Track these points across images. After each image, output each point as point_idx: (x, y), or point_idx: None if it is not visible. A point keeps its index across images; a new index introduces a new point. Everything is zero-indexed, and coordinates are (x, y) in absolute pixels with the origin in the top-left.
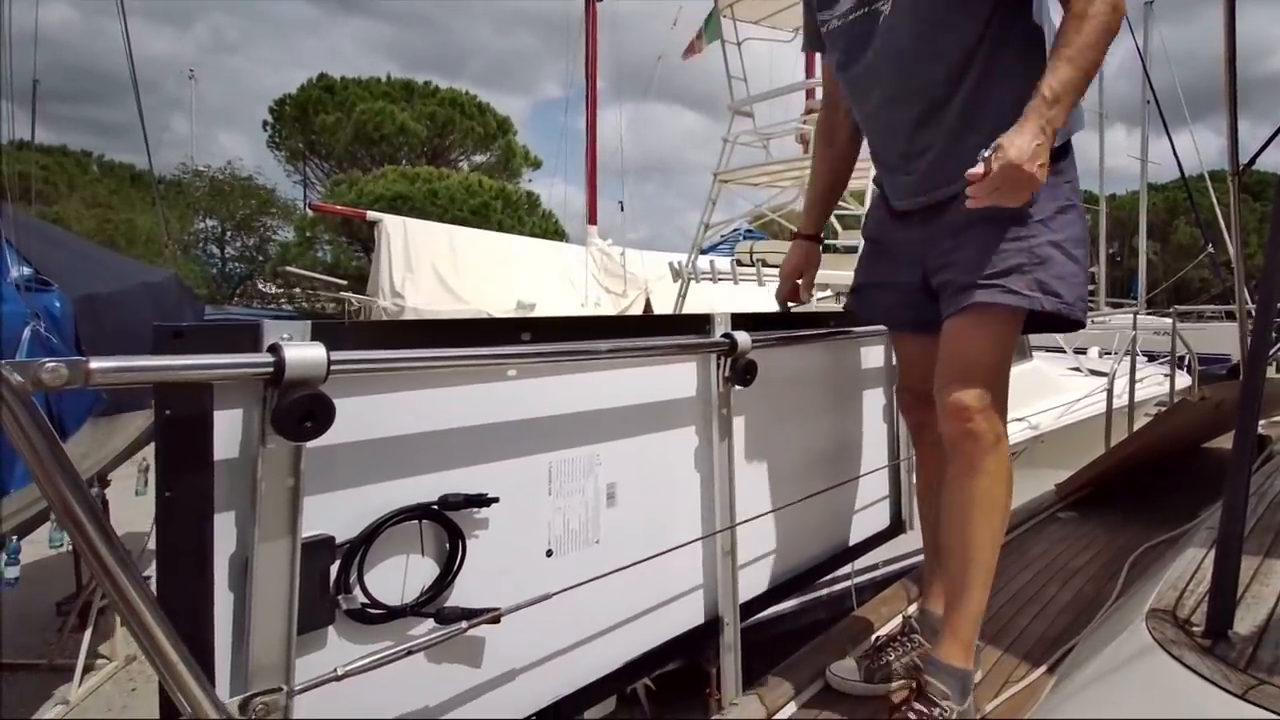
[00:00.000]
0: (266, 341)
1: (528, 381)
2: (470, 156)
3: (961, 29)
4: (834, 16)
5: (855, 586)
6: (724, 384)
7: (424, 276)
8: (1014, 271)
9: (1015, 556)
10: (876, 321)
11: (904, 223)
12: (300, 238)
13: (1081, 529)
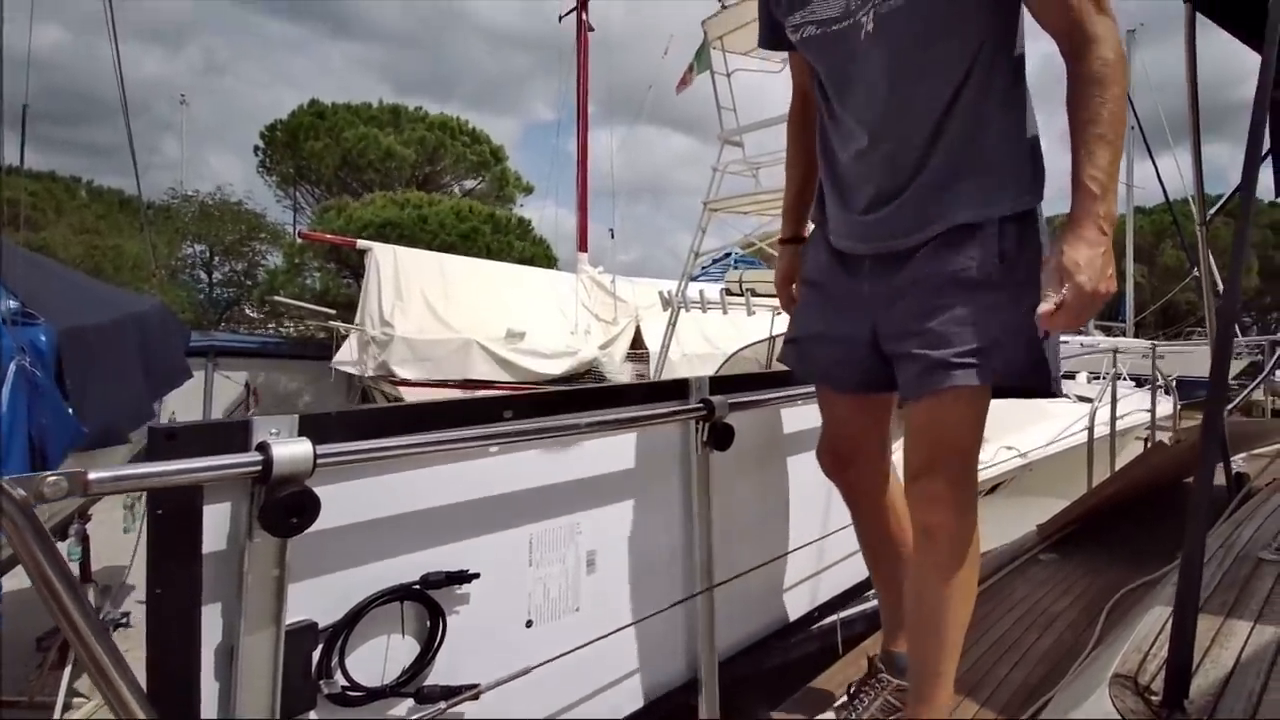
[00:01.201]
0: (256, 438)
1: (509, 456)
2: (461, 182)
3: (944, 66)
4: (808, 22)
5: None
6: (702, 448)
7: (413, 305)
8: (992, 348)
9: (997, 601)
10: (815, 379)
11: (850, 269)
12: (289, 264)
13: (1063, 571)
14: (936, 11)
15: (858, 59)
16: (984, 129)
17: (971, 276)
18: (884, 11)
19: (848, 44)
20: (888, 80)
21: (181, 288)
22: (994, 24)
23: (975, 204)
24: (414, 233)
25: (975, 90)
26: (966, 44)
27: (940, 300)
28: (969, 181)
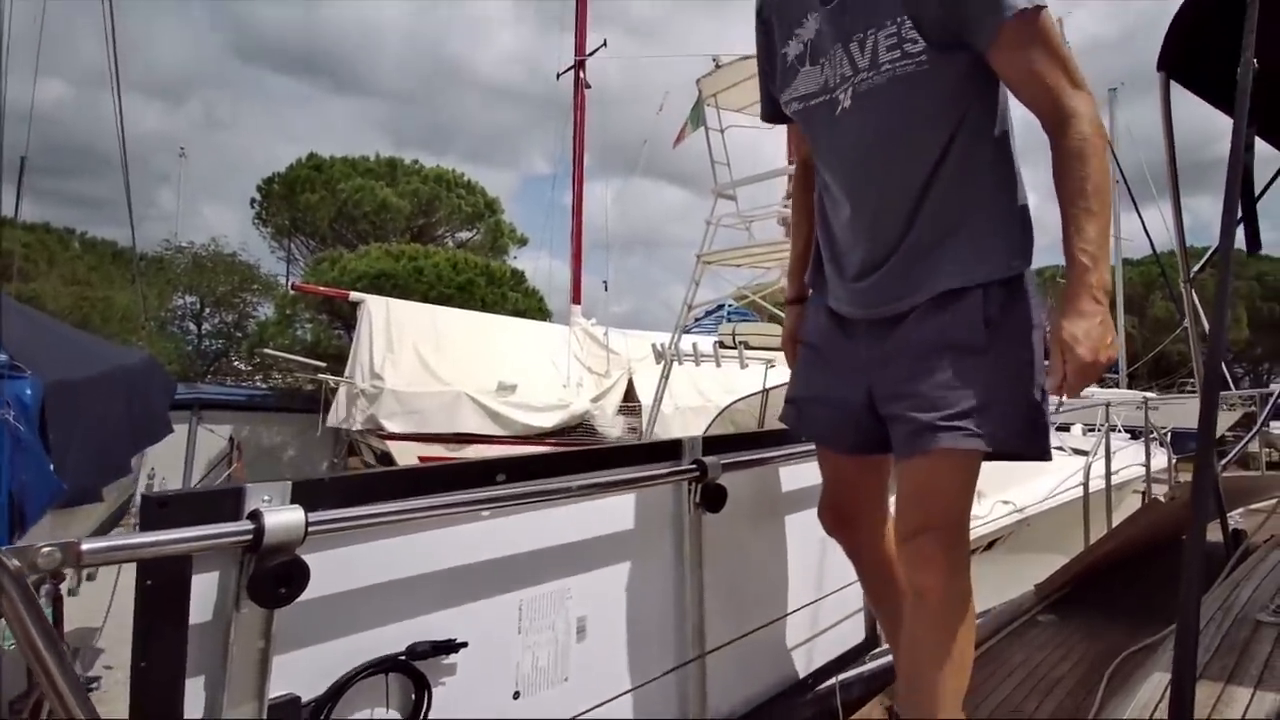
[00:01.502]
0: (248, 505)
1: (500, 520)
2: (456, 234)
3: (925, 139)
4: (793, 99)
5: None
6: (694, 509)
7: (405, 357)
8: (978, 411)
9: (995, 665)
10: (815, 439)
11: (847, 332)
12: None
13: (1062, 634)
14: (916, 91)
15: (837, 132)
16: (968, 197)
17: (958, 341)
18: (862, 89)
19: (827, 118)
20: (867, 153)
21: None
22: (976, 99)
23: (960, 271)
24: (409, 284)
25: (958, 161)
26: (947, 119)
27: (928, 364)
28: (953, 249)
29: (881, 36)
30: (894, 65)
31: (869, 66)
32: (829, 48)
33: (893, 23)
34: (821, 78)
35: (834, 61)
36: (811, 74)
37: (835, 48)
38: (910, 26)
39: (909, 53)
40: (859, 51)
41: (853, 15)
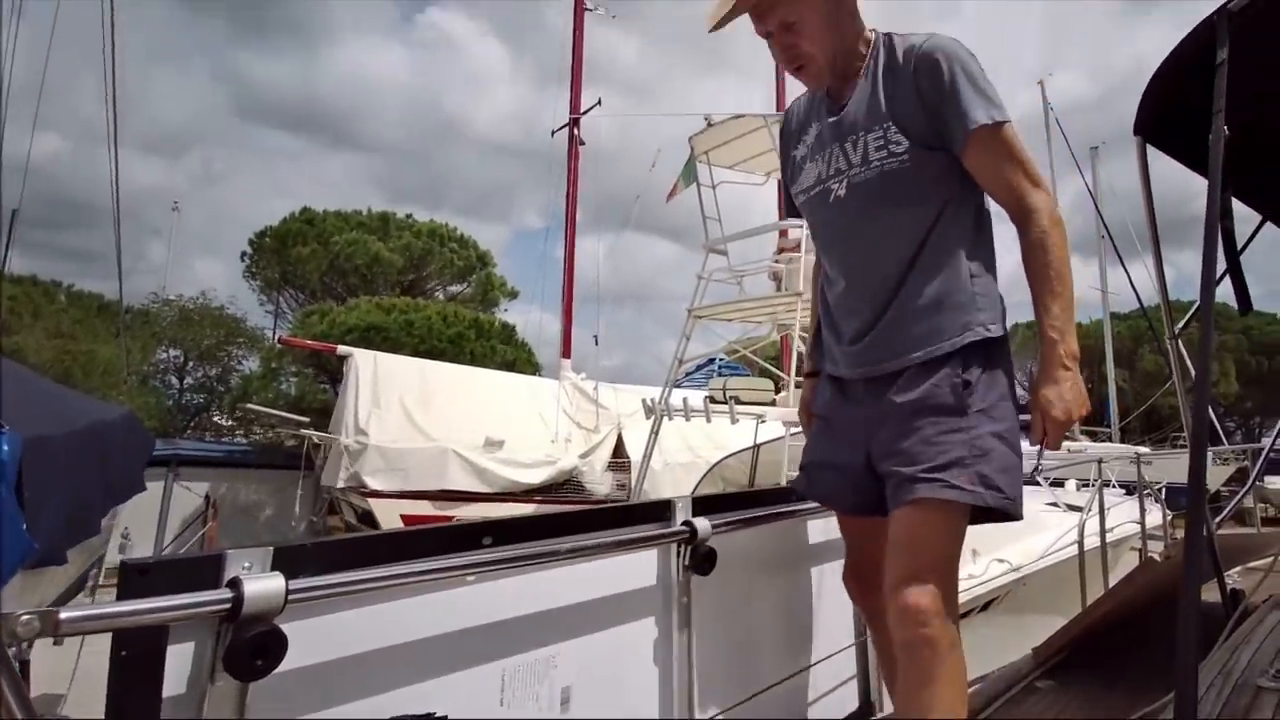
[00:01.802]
0: (228, 573)
1: (485, 585)
2: (447, 287)
3: (909, 222)
4: (800, 191)
5: None
6: (683, 572)
7: (391, 412)
8: (955, 465)
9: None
10: (821, 501)
11: (848, 399)
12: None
13: (1061, 700)
14: (900, 183)
15: (832, 218)
16: (948, 272)
17: (939, 402)
18: (856, 181)
19: (823, 206)
20: (859, 234)
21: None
22: (955, 190)
23: (940, 337)
24: (399, 338)
25: (939, 240)
26: (928, 207)
27: (913, 424)
28: (935, 317)
29: (870, 139)
30: (881, 162)
31: (860, 163)
32: (825, 150)
33: (880, 128)
34: (817, 171)
35: (831, 158)
36: (812, 169)
37: (833, 146)
38: (895, 130)
39: (894, 152)
40: (852, 150)
41: (849, 122)
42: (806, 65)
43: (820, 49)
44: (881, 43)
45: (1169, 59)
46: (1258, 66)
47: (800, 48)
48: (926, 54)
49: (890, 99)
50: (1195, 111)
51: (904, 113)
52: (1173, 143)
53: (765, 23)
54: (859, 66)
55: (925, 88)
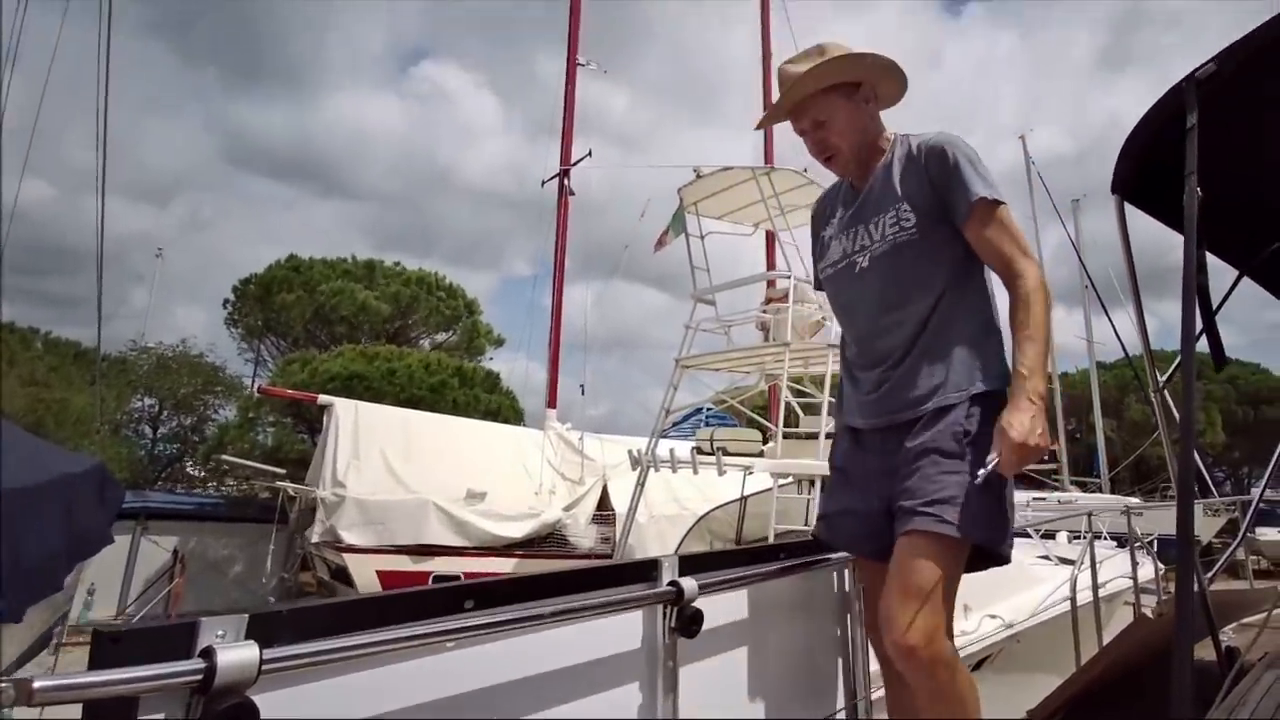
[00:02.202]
0: (201, 641)
1: (465, 651)
2: (432, 335)
3: (921, 292)
4: (826, 265)
5: None
6: (669, 635)
7: (371, 463)
8: (948, 502)
9: None
10: (844, 548)
11: (865, 449)
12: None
13: None
14: (913, 252)
15: (855, 287)
16: (954, 332)
17: (941, 448)
18: (876, 254)
19: (848, 277)
20: (880, 297)
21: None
22: (961, 258)
23: (949, 389)
24: (381, 386)
25: (948, 303)
26: (939, 273)
27: (918, 466)
28: (945, 371)
29: (886, 218)
30: (895, 236)
31: (879, 239)
32: (850, 229)
33: (894, 207)
34: (843, 248)
35: (854, 237)
36: (837, 246)
37: (856, 227)
38: (906, 209)
39: (904, 226)
40: (873, 229)
41: (869, 206)
42: (835, 156)
43: (847, 143)
44: (898, 141)
45: (1142, 122)
46: (1226, 129)
47: (830, 141)
48: (935, 145)
49: (903, 182)
50: (1169, 172)
51: (914, 192)
52: (1149, 201)
53: (801, 121)
54: (880, 160)
55: (934, 170)
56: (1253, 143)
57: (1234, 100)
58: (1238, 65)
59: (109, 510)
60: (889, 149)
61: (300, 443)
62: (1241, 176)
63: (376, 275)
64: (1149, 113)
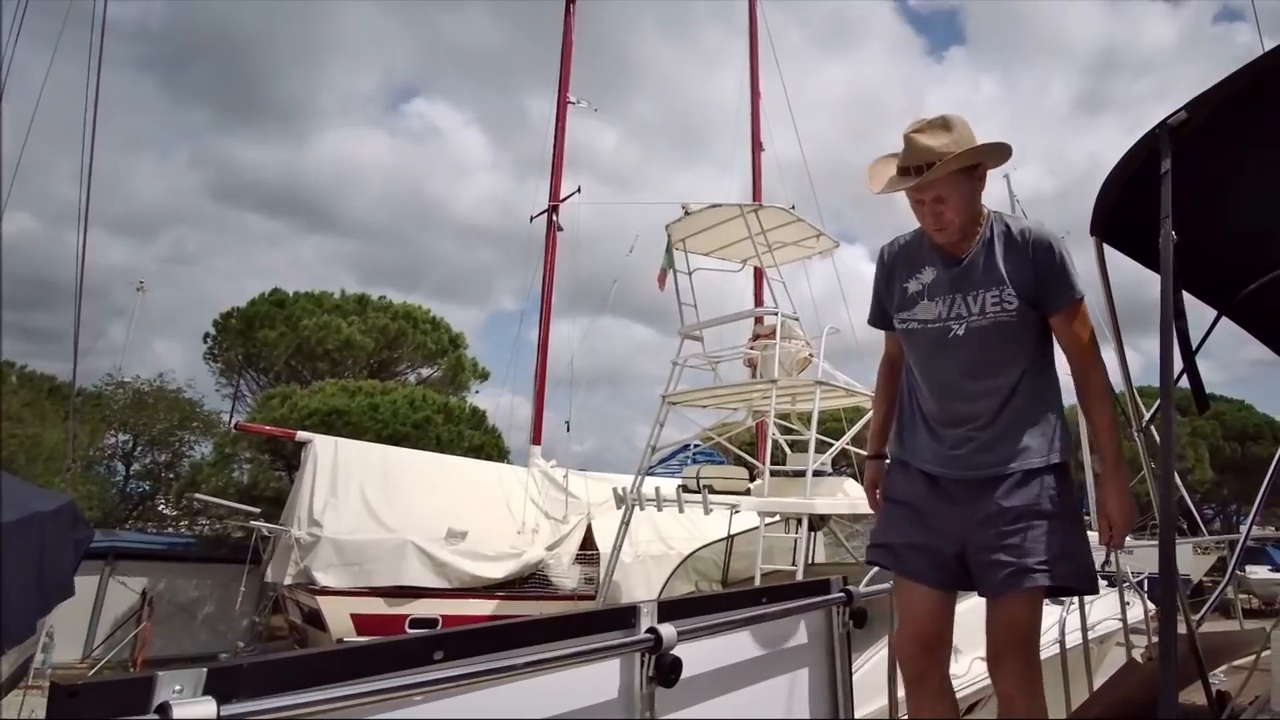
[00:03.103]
0: (158, 696)
1: (435, 704)
2: (417, 370)
3: (1011, 366)
4: (914, 320)
5: None
6: (647, 684)
7: (349, 502)
8: (1057, 560)
9: None
10: (911, 578)
11: (944, 495)
12: (218, 455)
13: None
14: (1010, 331)
15: (947, 350)
16: (1035, 403)
17: (1043, 510)
18: (974, 326)
19: (940, 339)
20: (971, 367)
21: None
22: (1043, 342)
23: (1032, 455)
24: (363, 422)
25: (1031, 379)
26: (1024, 351)
27: (1021, 525)
28: (1028, 437)
29: (988, 295)
30: (996, 314)
31: (979, 312)
32: (947, 293)
33: (998, 288)
34: (937, 310)
35: (952, 304)
36: (930, 307)
37: (955, 294)
38: (1011, 292)
39: (1006, 307)
40: (973, 301)
41: (972, 278)
42: (946, 227)
43: (960, 217)
44: (995, 218)
45: (1118, 166)
46: (1200, 173)
47: (946, 215)
48: (1043, 239)
49: (1007, 265)
50: (1146, 215)
51: (1019, 278)
52: (1127, 243)
53: (924, 194)
54: (976, 232)
55: (1041, 262)
56: (1226, 186)
57: (1206, 145)
58: (1209, 112)
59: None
60: (985, 224)
61: (277, 480)
62: (1217, 218)
63: (365, 309)
64: (1125, 157)
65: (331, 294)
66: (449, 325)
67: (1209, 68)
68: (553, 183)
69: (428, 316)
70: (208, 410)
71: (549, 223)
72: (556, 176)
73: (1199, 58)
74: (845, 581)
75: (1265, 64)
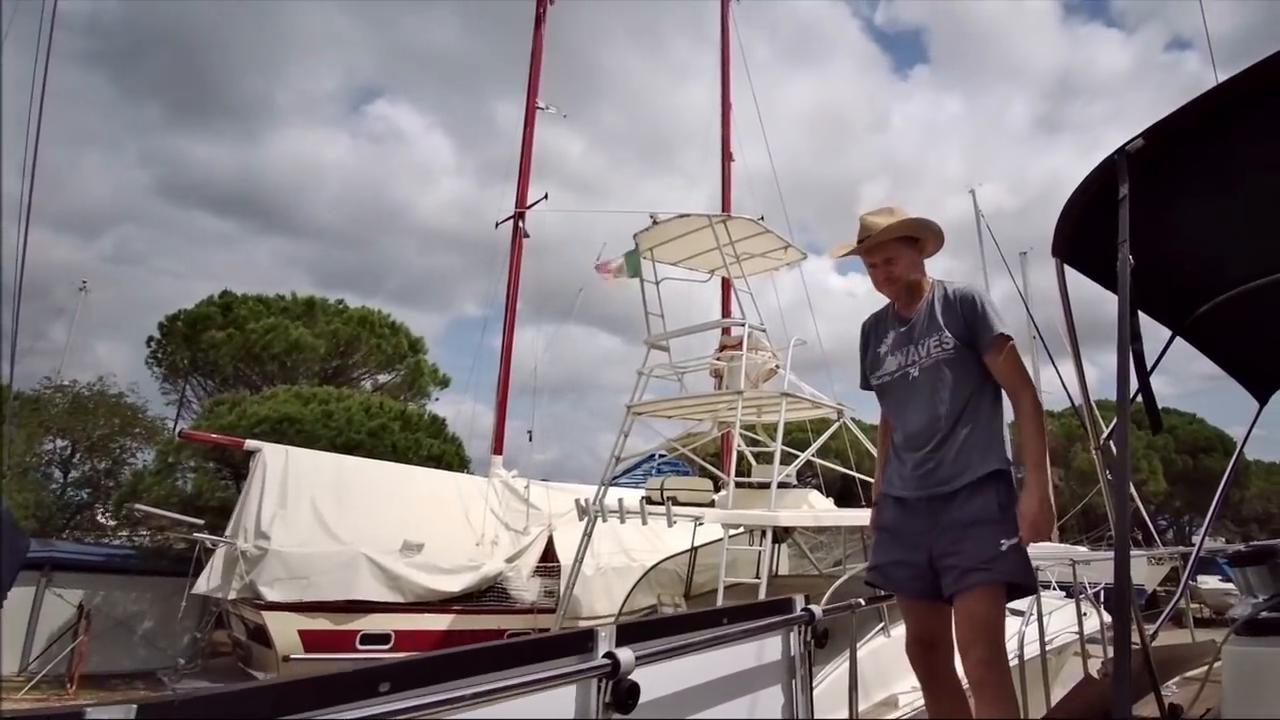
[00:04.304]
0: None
1: None
2: (374, 375)
3: (956, 391)
4: (884, 375)
5: None
6: (604, 710)
7: (299, 513)
8: (997, 559)
9: None
10: (897, 591)
11: (911, 513)
12: (161, 464)
13: None
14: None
15: (908, 391)
16: (979, 425)
17: (986, 517)
18: (924, 366)
19: (903, 384)
20: (928, 398)
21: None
22: (983, 374)
23: (979, 469)
24: (316, 430)
25: (973, 406)
26: (968, 382)
27: (967, 531)
28: (974, 455)
29: (931, 340)
30: (938, 354)
31: (925, 355)
32: (903, 346)
33: (938, 334)
34: (898, 362)
35: (906, 354)
36: (893, 360)
37: (908, 346)
38: (948, 336)
39: (945, 347)
40: (921, 348)
41: (919, 330)
42: (894, 283)
43: (905, 276)
44: (936, 284)
45: (1078, 190)
46: (1157, 198)
47: (895, 272)
48: (967, 293)
49: (944, 317)
50: (1104, 238)
51: (951, 325)
52: (1087, 264)
53: (874, 256)
54: (921, 295)
55: (966, 312)
56: (1180, 211)
57: (1163, 171)
58: (1165, 139)
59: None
60: (929, 290)
61: (224, 489)
62: (1171, 242)
63: (316, 313)
64: (1084, 182)
65: (283, 296)
66: (409, 330)
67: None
68: (519, 188)
69: (386, 321)
70: (151, 416)
71: (515, 229)
72: (523, 182)
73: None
74: (807, 600)
75: (1219, 94)
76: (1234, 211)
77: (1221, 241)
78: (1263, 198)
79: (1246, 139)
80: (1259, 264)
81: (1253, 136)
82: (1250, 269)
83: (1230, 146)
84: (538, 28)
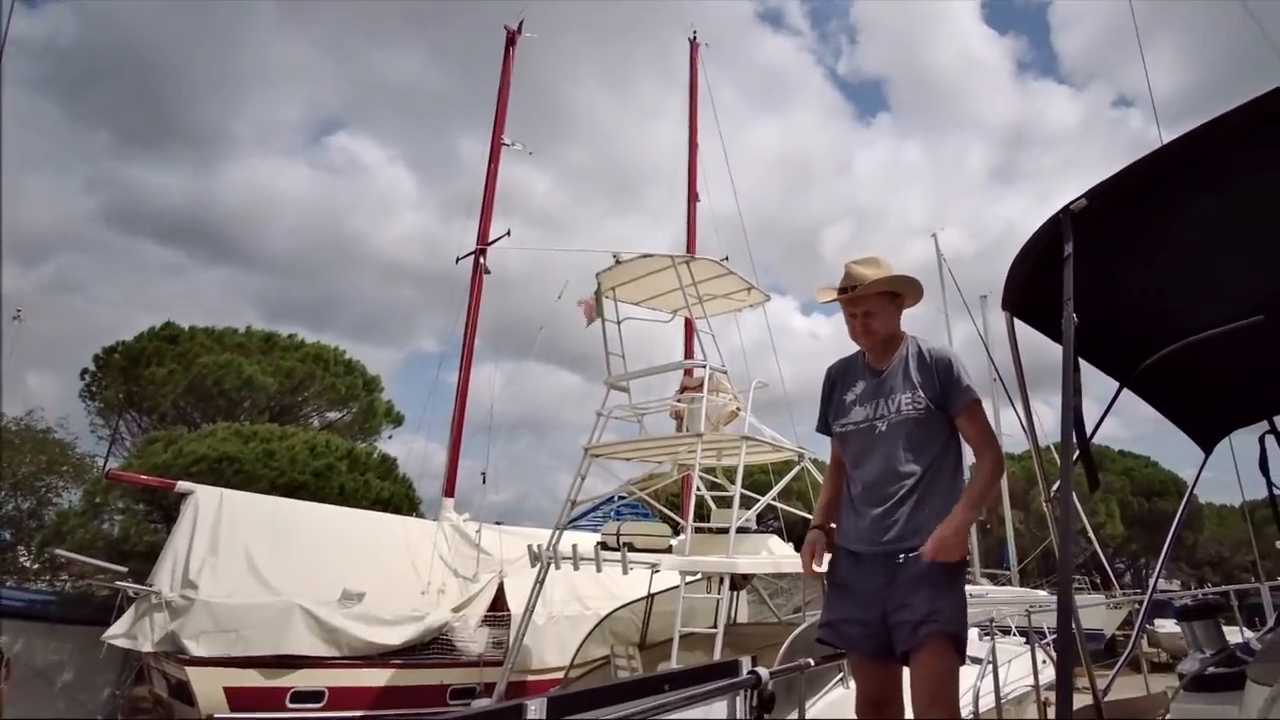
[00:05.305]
0: None
1: None
2: (324, 413)
3: (921, 456)
4: (849, 423)
5: None
6: None
7: (231, 560)
8: (942, 613)
9: None
10: (849, 649)
11: (865, 569)
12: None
13: None
14: (919, 425)
15: (874, 445)
16: (941, 487)
17: (933, 576)
18: (893, 422)
19: (868, 436)
20: (890, 456)
21: None
22: (950, 436)
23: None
24: (256, 470)
25: (937, 468)
26: (933, 444)
27: (917, 590)
28: (933, 519)
29: (903, 397)
30: (909, 412)
31: (896, 411)
32: (872, 399)
33: (911, 392)
34: (865, 413)
35: (876, 406)
36: (860, 410)
37: (878, 399)
38: (921, 395)
39: (917, 407)
40: (891, 403)
41: (891, 385)
42: (872, 336)
43: (884, 331)
44: (910, 340)
45: (1026, 247)
46: (1101, 254)
47: (873, 326)
48: (943, 356)
49: (919, 374)
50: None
51: (925, 386)
52: (1036, 318)
53: (856, 307)
54: (895, 348)
55: (942, 374)
56: (1126, 266)
57: (1106, 229)
58: (1109, 199)
59: None
60: (904, 345)
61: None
62: (1119, 296)
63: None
64: (1031, 238)
65: (234, 330)
66: (364, 367)
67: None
68: (482, 224)
69: (340, 358)
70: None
71: (476, 265)
72: (486, 218)
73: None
74: (754, 661)
75: (1159, 157)
76: (1176, 267)
77: (1165, 296)
78: (1202, 254)
79: (1185, 199)
80: (1201, 318)
81: (1192, 197)
82: (1193, 322)
83: (1170, 206)
84: (506, 62)
